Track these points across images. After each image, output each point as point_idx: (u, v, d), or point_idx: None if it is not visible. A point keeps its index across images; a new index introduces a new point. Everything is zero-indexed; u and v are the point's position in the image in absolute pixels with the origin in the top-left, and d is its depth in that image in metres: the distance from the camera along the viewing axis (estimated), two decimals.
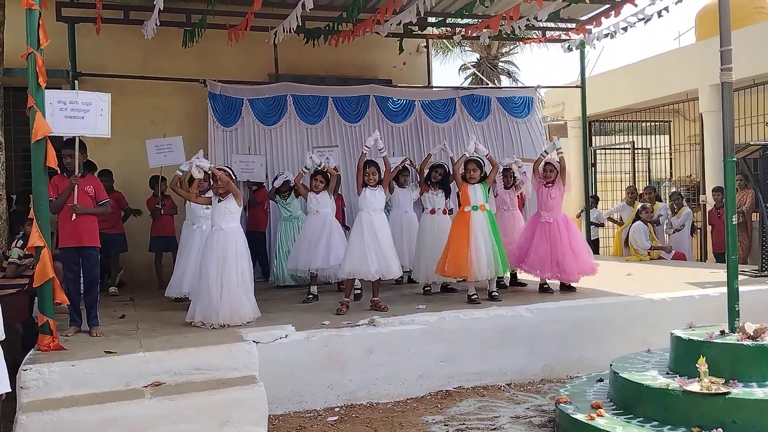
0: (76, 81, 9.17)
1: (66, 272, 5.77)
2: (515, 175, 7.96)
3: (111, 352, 5.02)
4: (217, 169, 6.28)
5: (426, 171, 7.94)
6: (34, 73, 5.13)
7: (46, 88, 5.24)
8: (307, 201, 7.58)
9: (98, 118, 5.61)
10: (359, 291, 7.50)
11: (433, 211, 7.66)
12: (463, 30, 10.72)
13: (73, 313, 5.84)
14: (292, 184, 8.60)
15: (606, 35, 10.91)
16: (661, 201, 12.01)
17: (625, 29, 10.40)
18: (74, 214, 5.65)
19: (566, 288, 7.42)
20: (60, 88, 6.87)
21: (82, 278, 5.88)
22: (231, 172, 6.41)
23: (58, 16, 9.05)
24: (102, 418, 4.45)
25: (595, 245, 13.07)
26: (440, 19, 10.74)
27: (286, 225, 8.87)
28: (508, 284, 7.99)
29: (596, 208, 13.10)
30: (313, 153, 8.20)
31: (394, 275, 6.85)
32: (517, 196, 8.12)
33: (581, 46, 11.51)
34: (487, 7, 9.39)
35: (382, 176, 6.91)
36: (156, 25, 8.28)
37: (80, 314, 5.90)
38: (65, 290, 5.42)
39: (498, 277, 7.20)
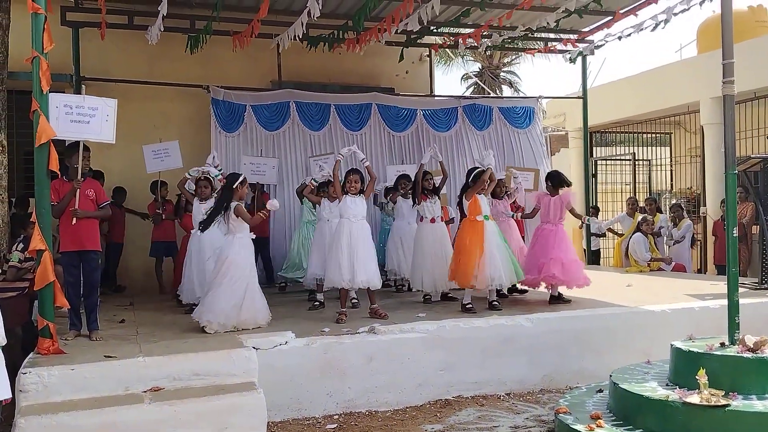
0: (83, 85, 9.17)
1: (66, 276, 5.78)
2: (511, 183, 8.03)
3: (110, 357, 5.02)
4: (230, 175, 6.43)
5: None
6: (38, 77, 5.15)
7: (49, 92, 5.26)
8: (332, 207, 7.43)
9: (104, 123, 5.61)
10: (356, 300, 7.50)
11: (433, 220, 7.63)
12: (466, 37, 10.75)
13: (73, 317, 5.84)
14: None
15: (601, 45, 10.98)
16: (661, 212, 12.01)
17: (620, 38, 10.47)
18: (75, 218, 5.66)
19: (557, 300, 7.41)
20: (63, 92, 6.89)
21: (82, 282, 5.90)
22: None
23: (63, 20, 9.09)
24: (101, 422, 4.44)
25: (596, 256, 13.07)
26: (437, 28, 10.78)
27: (309, 228, 8.46)
28: (507, 293, 7.98)
29: (596, 218, 13.10)
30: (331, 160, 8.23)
31: (364, 285, 6.63)
32: (511, 204, 8.17)
33: (582, 56, 11.55)
34: (484, 11, 9.43)
35: (365, 186, 6.85)
36: (160, 30, 8.31)
37: (80, 318, 5.90)
38: (65, 294, 5.42)
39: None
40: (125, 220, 9.52)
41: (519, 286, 7.94)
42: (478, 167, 7.26)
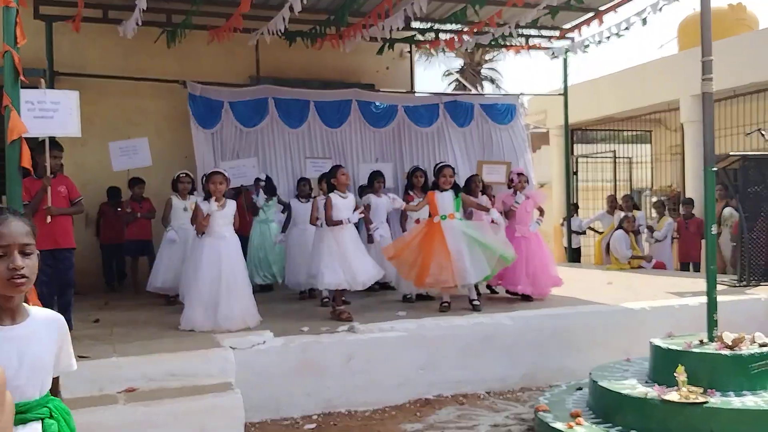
0: (44, 80, 8.99)
1: (39, 275, 5.64)
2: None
3: (84, 357, 4.92)
4: (216, 172, 6.38)
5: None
6: (10, 72, 5.04)
7: (22, 87, 5.14)
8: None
9: (68, 117, 5.48)
10: (327, 299, 7.50)
11: (417, 221, 7.55)
12: (453, 36, 10.72)
13: None
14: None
15: (589, 45, 10.98)
16: (638, 210, 12.07)
17: (608, 38, 10.48)
18: (49, 217, 5.56)
19: (524, 297, 7.38)
20: (36, 88, 6.76)
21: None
22: (226, 176, 6.46)
23: (36, 14, 8.91)
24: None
25: (577, 253, 13.10)
26: (429, 25, 10.72)
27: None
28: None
29: (577, 216, 13.14)
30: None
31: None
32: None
33: (565, 53, 11.56)
34: (476, 13, 9.38)
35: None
36: (137, 24, 8.17)
37: None
38: (38, 293, 5.31)
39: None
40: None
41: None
42: (442, 162, 7.21)
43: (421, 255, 6.73)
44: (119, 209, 9.19)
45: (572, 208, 12.83)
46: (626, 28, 10.00)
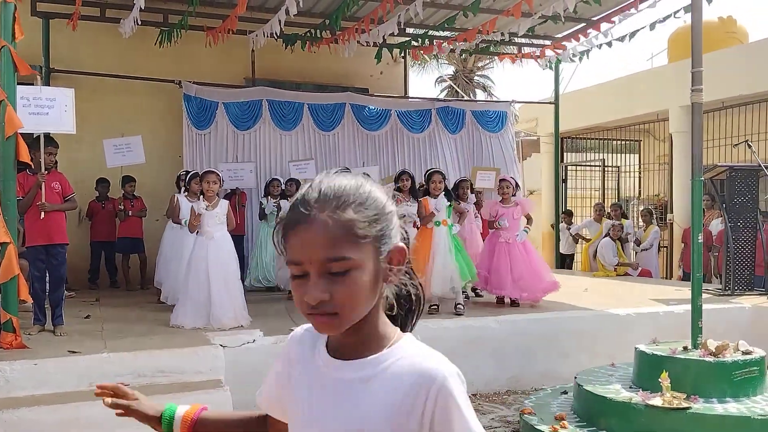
0: (39, 76, 9.02)
1: (32, 270, 5.69)
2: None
3: (74, 352, 4.95)
4: (209, 171, 6.37)
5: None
6: (7, 67, 5.07)
7: (18, 83, 5.17)
8: None
9: (63, 114, 5.52)
10: None
11: (414, 224, 7.60)
12: (444, 42, 10.79)
13: (38, 312, 5.76)
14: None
15: (581, 53, 11.08)
16: (626, 218, 12.18)
17: (600, 47, 10.59)
18: (43, 212, 5.57)
19: (512, 303, 7.42)
20: (32, 84, 6.78)
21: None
22: (219, 176, 6.49)
23: (33, 10, 8.93)
24: (63, 418, 4.38)
25: (570, 260, 13.15)
26: (424, 31, 10.79)
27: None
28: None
29: (574, 224, 13.09)
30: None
31: None
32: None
33: (557, 63, 11.65)
34: (467, 18, 9.46)
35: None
36: (136, 24, 8.20)
37: (45, 313, 5.81)
38: (30, 288, 5.34)
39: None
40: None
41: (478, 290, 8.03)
42: (432, 169, 7.33)
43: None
44: (103, 205, 9.20)
45: (567, 216, 12.90)
46: (618, 39, 10.12)
